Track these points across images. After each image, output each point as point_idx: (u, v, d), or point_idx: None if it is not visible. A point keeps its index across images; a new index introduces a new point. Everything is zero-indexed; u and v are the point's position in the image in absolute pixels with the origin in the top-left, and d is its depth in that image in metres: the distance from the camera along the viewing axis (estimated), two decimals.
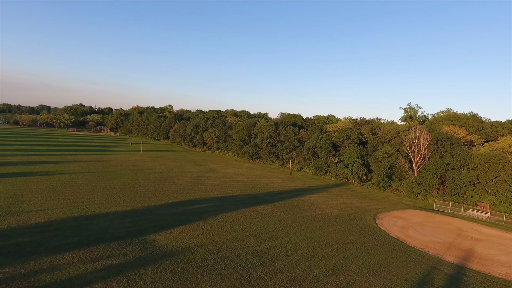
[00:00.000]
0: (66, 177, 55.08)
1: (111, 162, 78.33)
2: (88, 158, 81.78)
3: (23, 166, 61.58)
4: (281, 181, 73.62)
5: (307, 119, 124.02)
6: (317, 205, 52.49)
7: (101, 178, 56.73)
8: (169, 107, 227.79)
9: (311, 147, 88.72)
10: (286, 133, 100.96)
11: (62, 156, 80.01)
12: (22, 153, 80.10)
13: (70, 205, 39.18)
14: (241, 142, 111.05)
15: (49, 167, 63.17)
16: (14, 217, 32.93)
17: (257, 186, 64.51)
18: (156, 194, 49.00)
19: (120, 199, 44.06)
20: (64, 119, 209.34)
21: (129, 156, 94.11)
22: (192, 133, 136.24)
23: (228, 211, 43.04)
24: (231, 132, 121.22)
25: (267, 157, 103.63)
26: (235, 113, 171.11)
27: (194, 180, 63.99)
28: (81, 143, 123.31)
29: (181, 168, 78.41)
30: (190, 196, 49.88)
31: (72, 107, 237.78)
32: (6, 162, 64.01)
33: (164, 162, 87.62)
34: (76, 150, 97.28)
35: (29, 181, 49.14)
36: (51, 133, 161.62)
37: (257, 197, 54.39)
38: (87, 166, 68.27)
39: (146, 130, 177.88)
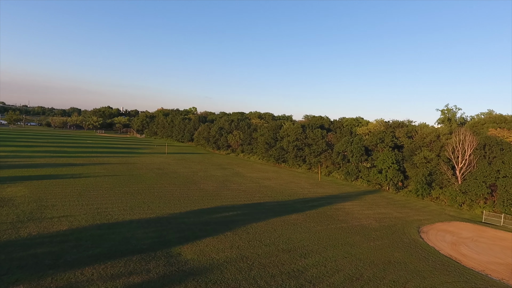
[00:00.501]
0: (91, 180, 54.04)
1: (136, 164, 77.43)
2: (114, 160, 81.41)
3: (50, 168, 61.41)
4: (310, 187, 69.71)
5: (334, 121, 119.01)
6: (352, 214, 48.30)
7: (125, 182, 55.31)
8: (193, 109, 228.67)
9: (341, 151, 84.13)
10: (314, 136, 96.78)
11: (89, 158, 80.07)
12: (51, 155, 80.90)
13: (93, 211, 37.46)
14: (266, 145, 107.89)
15: (75, 169, 62.71)
16: (36, 224, 31.38)
17: (286, 192, 61.01)
18: (181, 200, 46.70)
19: (144, 205, 42.02)
20: (92, 121, 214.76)
21: (154, 158, 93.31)
22: (216, 136, 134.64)
23: (257, 221, 39.90)
24: (256, 135, 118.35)
25: (293, 160, 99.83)
26: (259, 115, 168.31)
27: (220, 185, 61.42)
28: (107, 145, 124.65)
29: (206, 172, 76.25)
30: (216, 203, 47.20)
31: (100, 110, 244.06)
32: (35, 164, 64.20)
33: (188, 165, 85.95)
34: (102, 152, 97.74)
35: (54, 185, 48.27)
36: (80, 135, 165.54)
37: (287, 204, 50.93)
38: (113, 169, 67.43)
39: (170, 132, 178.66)
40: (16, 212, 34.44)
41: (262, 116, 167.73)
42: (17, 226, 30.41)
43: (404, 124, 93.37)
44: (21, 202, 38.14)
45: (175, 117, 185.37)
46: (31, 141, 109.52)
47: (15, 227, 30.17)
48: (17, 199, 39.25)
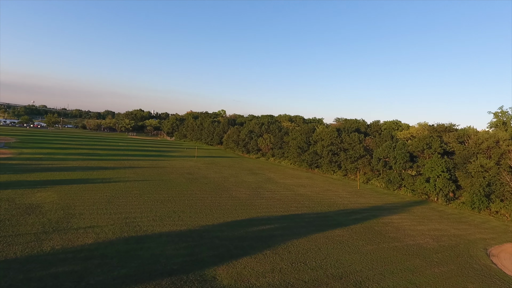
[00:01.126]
0: (121, 185, 52.10)
1: (166, 168, 75.51)
2: (145, 164, 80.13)
3: (81, 172, 60.52)
4: (349, 196, 64.22)
5: (371, 124, 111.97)
6: (404, 231, 42.63)
7: (155, 188, 52.91)
8: (222, 112, 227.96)
9: (382, 157, 77.73)
10: (350, 140, 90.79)
11: (120, 162, 79.29)
12: (83, 157, 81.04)
13: (121, 221, 34.82)
14: (299, 149, 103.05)
15: (105, 173, 61.43)
16: (61, 236, 28.98)
17: (324, 202, 56.09)
18: (213, 209, 43.30)
19: (174, 215, 38.98)
20: (125, 123, 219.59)
21: (184, 162, 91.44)
22: (246, 139, 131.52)
23: (297, 236, 35.55)
24: (287, 139, 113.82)
25: (328, 166, 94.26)
26: (289, 118, 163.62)
27: (252, 192, 57.63)
28: (138, 147, 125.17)
29: (237, 177, 72.83)
30: (251, 213, 43.34)
31: (133, 112, 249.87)
32: (67, 168, 63.73)
33: (219, 169, 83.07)
34: (133, 155, 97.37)
35: (83, 190, 46.60)
36: (112, 137, 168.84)
37: (328, 216, 46.11)
38: (143, 173, 65.68)
39: (200, 135, 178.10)
40: (42, 221, 32.42)
41: (293, 119, 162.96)
42: (41, 238, 28.12)
43: (451, 128, 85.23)
44: (48, 209, 36.30)
45: (204, 120, 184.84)
46: (66, 143, 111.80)
47: (38, 239, 27.89)
48: (45, 205, 37.50)
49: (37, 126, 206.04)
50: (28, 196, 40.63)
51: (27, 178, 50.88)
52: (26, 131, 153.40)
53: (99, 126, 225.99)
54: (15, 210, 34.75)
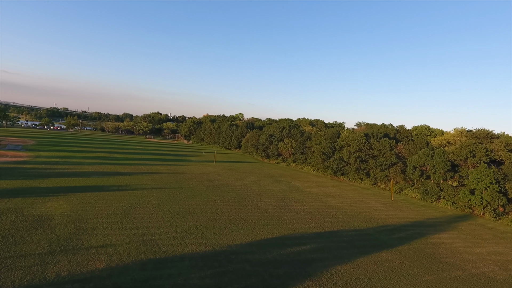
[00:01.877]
0: (138, 194, 48.15)
1: (185, 175, 71.51)
2: (162, 169, 76.47)
3: (96, 178, 57.10)
4: (384, 208, 58.26)
5: (401, 129, 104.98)
6: (460, 254, 36.62)
7: (174, 197, 48.69)
8: (240, 116, 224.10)
9: (417, 165, 71.21)
10: (380, 146, 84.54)
11: (137, 167, 75.94)
12: (100, 161, 78.17)
13: (137, 238, 30.53)
14: (323, 155, 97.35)
15: (122, 180, 57.83)
16: (68, 258, 24.84)
17: (359, 215, 50.46)
18: (239, 224, 38.56)
19: (197, 231, 34.46)
20: (142, 126, 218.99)
21: (202, 167, 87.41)
22: (266, 143, 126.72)
23: (340, 261, 30.29)
24: (310, 144, 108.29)
25: (355, 174, 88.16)
26: (310, 122, 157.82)
27: (279, 203, 52.63)
28: (156, 151, 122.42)
29: (260, 186, 67.99)
30: (281, 230, 38.33)
31: (150, 115, 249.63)
32: (82, 173, 60.57)
33: (239, 176, 78.49)
34: (151, 159, 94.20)
35: (98, 199, 42.80)
36: (130, 140, 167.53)
37: (368, 234, 40.55)
38: (161, 180, 61.79)
39: (217, 139, 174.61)
40: (49, 237, 28.47)
41: (313, 123, 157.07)
42: (45, 261, 24.05)
43: (493, 134, 77.82)
44: (58, 222, 32.45)
45: (222, 124, 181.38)
46: (83, 146, 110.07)
47: (43, 262, 23.83)
48: (55, 218, 33.71)
49: (57, 128, 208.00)
50: (38, 206, 37.06)
51: (40, 184, 47.66)
52: (45, 133, 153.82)
53: (117, 129, 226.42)
54: (22, 224, 31.02)
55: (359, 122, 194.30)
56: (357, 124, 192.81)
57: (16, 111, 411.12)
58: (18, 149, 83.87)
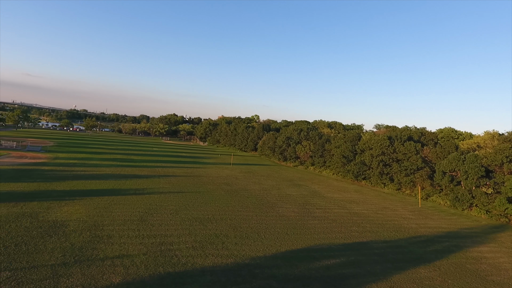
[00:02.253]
0: (155, 198, 46.55)
1: (202, 178, 69.79)
2: (179, 172, 75.05)
3: (113, 181, 55.97)
4: (413, 216, 54.71)
5: (425, 132, 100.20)
6: (506, 271, 33.06)
7: (192, 202, 46.83)
8: (256, 117, 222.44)
9: (447, 171, 67.07)
10: (405, 150, 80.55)
11: (154, 169, 74.77)
12: (117, 163, 77.52)
13: (155, 248, 28.63)
14: (343, 158, 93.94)
15: (139, 183, 56.53)
16: (82, 271, 23.10)
17: (387, 224, 47.25)
18: (261, 233, 36.24)
19: (217, 240, 32.33)
20: (159, 128, 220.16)
21: (219, 170, 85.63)
22: (283, 146, 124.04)
23: (375, 278, 27.49)
24: (329, 146, 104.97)
25: (378, 178, 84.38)
26: (328, 124, 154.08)
27: (301, 210, 50.01)
28: (172, 152, 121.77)
29: (280, 190, 65.49)
30: (307, 240, 35.75)
31: (167, 117, 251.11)
32: (99, 175, 59.66)
33: (258, 180, 76.23)
34: (167, 161, 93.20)
35: (114, 204, 41.37)
36: (146, 142, 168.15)
37: (400, 247, 37.44)
38: (178, 183, 60.21)
39: (233, 141, 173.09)
40: (64, 246, 26.92)
41: (331, 125, 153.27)
42: (58, 273, 22.37)
43: None
44: (73, 229, 30.96)
45: (238, 125, 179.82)
46: (101, 148, 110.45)
47: (55, 275, 22.14)
48: (71, 224, 32.27)
49: (76, 129, 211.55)
50: (53, 211, 35.81)
51: (57, 187, 46.73)
52: (64, 135, 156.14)
53: (134, 130, 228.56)
54: (36, 230, 29.66)
55: (378, 124, 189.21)
56: (376, 127, 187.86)
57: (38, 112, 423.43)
58: (37, 150, 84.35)
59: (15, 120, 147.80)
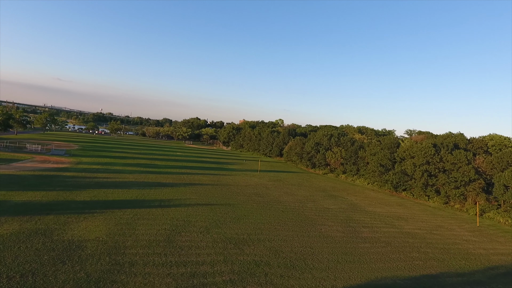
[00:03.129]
0: (182, 212, 41.63)
1: (231, 187, 64.67)
2: (205, 179, 70.35)
3: (137, 190, 51.72)
4: (475, 238, 46.98)
5: (473, 140, 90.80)
6: None
7: (224, 218, 41.57)
8: (280, 122, 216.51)
9: (510, 184, 58.56)
10: (454, 159, 72.19)
11: (179, 176, 70.43)
12: (140, 169, 73.90)
13: (186, 281, 23.39)
14: (380, 167, 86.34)
15: (164, 193, 52.00)
16: None
17: (451, 249, 40.06)
18: (308, 261, 30.31)
19: (258, 270, 26.72)
20: (182, 132, 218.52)
21: (247, 178, 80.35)
22: (312, 152, 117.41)
23: None
24: (363, 154, 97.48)
25: (421, 190, 76.34)
26: (358, 129, 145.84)
27: (346, 229, 43.66)
28: (196, 157, 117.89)
29: (315, 202, 59.30)
30: (364, 272, 29.46)
31: (190, 120, 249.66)
32: (122, 183, 55.71)
33: (289, 189, 70.31)
34: (192, 167, 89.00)
35: (138, 218, 36.74)
36: (170, 146, 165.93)
37: (481, 283, 30.34)
38: (205, 193, 55.31)
39: (257, 146, 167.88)
40: (77, 278, 22.15)
41: (362, 130, 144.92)
42: None
43: None
44: (91, 253, 26.29)
45: (263, 130, 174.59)
46: (125, 152, 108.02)
47: None
48: (88, 246, 27.65)
49: (101, 132, 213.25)
50: (70, 227, 31.47)
51: (77, 197, 42.81)
52: (89, 138, 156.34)
53: (157, 134, 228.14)
54: (48, 254, 25.18)
55: (410, 130, 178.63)
56: (407, 132, 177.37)
57: (66, 115, 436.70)
58: (61, 154, 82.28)
59: (43, 123, 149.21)
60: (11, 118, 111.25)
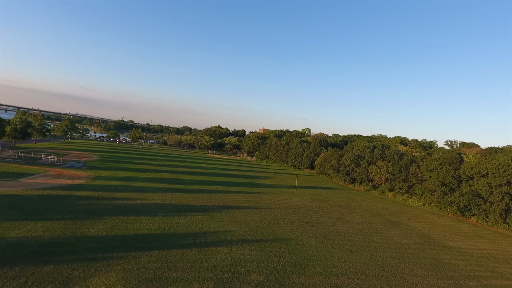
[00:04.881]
0: (225, 256, 30.93)
1: (273, 211, 53.78)
2: (240, 200, 59.82)
3: (164, 217, 41.58)
4: None
5: None
6: None
7: (281, 266, 30.46)
8: (307, 131, 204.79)
9: None
10: None
11: (210, 196, 60.19)
12: (165, 185, 64.31)
13: None
14: (443, 186, 73.22)
15: (197, 221, 41.62)
16: None
17: None
18: None
19: None
20: (204, 141, 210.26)
21: (286, 198, 69.25)
22: (351, 165, 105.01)
23: None
24: (416, 169, 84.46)
25: (498, 216, 62.75)
26: (400, 140, 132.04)
27: (446, 282, 31.70)
28: (223, 169, 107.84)
29: (380, 234, 47.42)
30: None
31: (212, 129, 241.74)
32: (146, 207, 45.84)
33: (339, 213, 58.72)
34: (221, 183, 78.82)
35: (168, 270, 26.28)
36: (193, 156, 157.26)
37: None
38: (247, 222, 44.59)
39: (285, 157, 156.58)
40: None
41: (405, 141, 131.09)
42: None
43: None
44: None
45: (291, 140, 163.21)
46: (147, 163, 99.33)
47: None
48: None
49: (122, 141, 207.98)
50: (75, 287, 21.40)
51: (89, 230, 33.03)
52: (110, 147, 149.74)
53: (179, 143, 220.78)
54: None
55: (450, 141, 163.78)
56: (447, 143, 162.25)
57: (89, 123, 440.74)
58: (78, 166, 74.05)
59: (64, 131, 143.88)
60: (30, 126, 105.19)
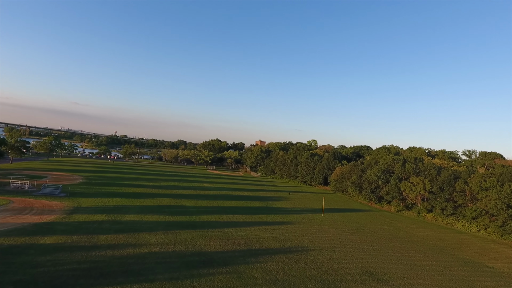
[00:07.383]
0: None
1: (312, 253, 39.41)
2: (264, 237, 45.36)
3: (167, 283, 26.94)
4: None
5: None
6: None
7: None
8: (313, 142, 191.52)
9: None
10: None
11: (224, 231, 45.67)
12: (165, 218, 49.74)
13: None
14: (508, 208, 59.62)
15: (214, 284, 27.13)
16: None
17: None
18: None
19: None
20: (203, 155, 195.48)
21: (317, 228, 55.02)
22: (378, 181, 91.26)
23: None
24: (463, 186, 70.98)
25: None
26: (426, 151, 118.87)
27: None
28: (230, 190, 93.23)
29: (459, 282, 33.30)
30: None
31: (210, 143, 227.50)
32: (140, 261, 31.16)
33: (397, 251, 44.59)
34: (233, 209, 64.37)
35: None
36: (192, 173, 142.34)
37: None
38: (289, 282, 30.13)
39: (294, 172, 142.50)
40: None
41: (432, 153, 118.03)
42: None
43: None
44: None
45: (299, 153, 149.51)
46: (142, 184, 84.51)
47: None
48: None
49: (114, 157, 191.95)
50: None
51: None
52: (99, 165, 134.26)
53: (176, 158, 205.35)
54: None
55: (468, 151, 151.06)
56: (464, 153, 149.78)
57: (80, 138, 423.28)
58: (55, 193, 59.22)
59: (47, 148, 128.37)
60: (3, 143, 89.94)
